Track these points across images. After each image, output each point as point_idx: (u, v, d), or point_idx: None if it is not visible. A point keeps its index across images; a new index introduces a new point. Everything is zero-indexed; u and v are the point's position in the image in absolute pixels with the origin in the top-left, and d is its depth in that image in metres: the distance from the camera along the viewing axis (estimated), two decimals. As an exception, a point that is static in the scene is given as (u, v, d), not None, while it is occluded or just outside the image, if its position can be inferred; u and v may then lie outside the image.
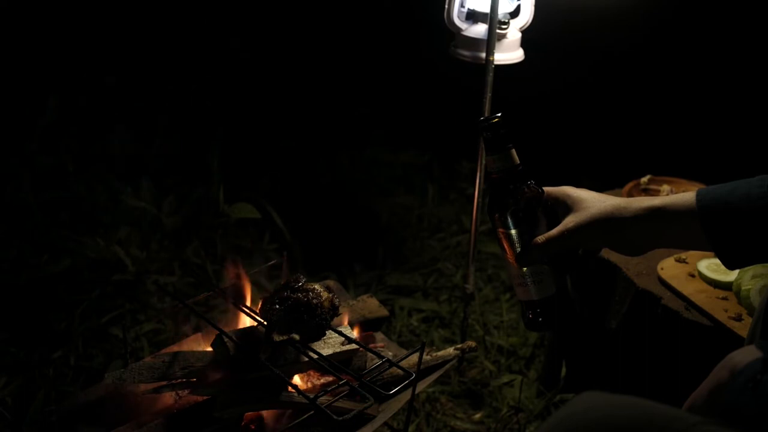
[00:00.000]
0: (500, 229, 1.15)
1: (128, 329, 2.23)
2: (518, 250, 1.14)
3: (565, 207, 1.13)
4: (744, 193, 0.99)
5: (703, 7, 3.22)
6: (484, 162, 1.95)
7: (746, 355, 0.94)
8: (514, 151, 1.13)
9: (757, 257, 1.03)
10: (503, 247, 1.17)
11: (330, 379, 1.49)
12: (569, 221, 1.10)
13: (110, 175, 2.93)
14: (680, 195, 1.05)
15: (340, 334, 1.45)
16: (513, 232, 1.14)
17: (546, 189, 1.16)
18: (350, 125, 3.66)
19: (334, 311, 1.41)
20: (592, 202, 1.11)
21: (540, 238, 1.12)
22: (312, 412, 1.32)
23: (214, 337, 1.44)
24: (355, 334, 1.56)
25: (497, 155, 1.13)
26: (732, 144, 3.04)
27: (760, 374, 0.89)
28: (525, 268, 1.15)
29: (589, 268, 1.16)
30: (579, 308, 1.16)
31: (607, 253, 1.84)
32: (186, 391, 1.43)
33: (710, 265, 1.71)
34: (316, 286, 1.40)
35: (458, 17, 1.88)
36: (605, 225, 1.08)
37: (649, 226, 1.07)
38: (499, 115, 1.14)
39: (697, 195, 1.03)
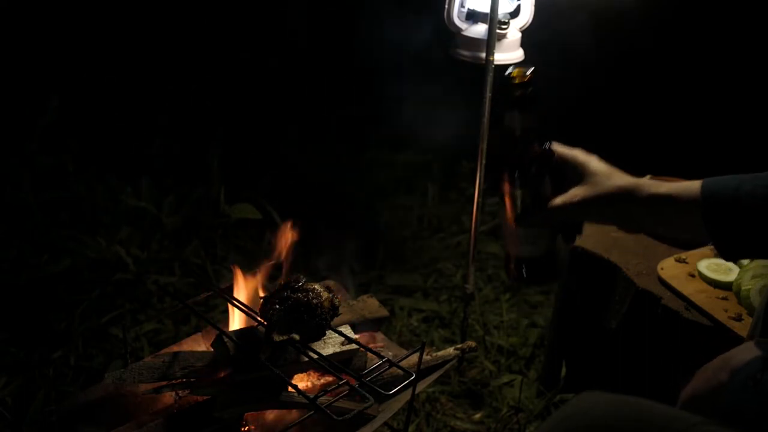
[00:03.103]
0: (505, 186, 1.12)
1: (128, 329, 2.24)
2: (519, 210, 1.12)
3: (574, 173, 1.12)
4: (749, 191, 0.99)
5: (703, 7, 3.22)
6: (484, 162, 1.95)
7: (745, 354, 0.94)
8: (536, 111, 1.10)
9: (754, 252, 1.04)
10: (504, 203, 1.14)
11: (330, 379, 1.49)
12: (576, 195, 1.10)
13: (110, 175, 2.93)
14: (686, 185, 1.05)
15: (340, 334, 1.45)
16: (518, 192, 1.11)
17: (558, 150, 1.13)
18: (350, 125, 3.66)
19: (334, 311, 1.41)
20: (600, 178, 1.10)
21: (544, 206, 1.11)
22: (312, 412, 1.32)
23: (214, 337, 1.43)
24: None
25: (520, 113, 1.10)
26: (732, 144, 3.03)
27: (761, 373, 0.89)
28: (521, 228, 1.13)
29: (581, 231, 1.16)
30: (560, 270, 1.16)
31: (607, 253, 1.84)
32: (186, 391, 1.43)
33: (710, 265, 1.71)
34: (316, 286, 1.40)
35: (458, 17, 1.88)
36: (609, 206, 1.09)
37: (653, 212, 1.07)
38: (532, 70, 1.09)
39: (702, 188, 1.03)
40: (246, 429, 1.42)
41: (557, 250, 1.16)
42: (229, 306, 1.56)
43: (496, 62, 1.84)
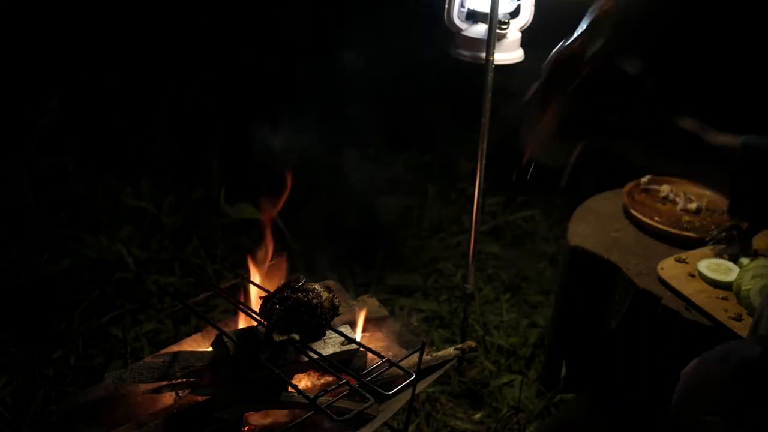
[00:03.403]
0: (557, 100, 1.08)
1: (128, 329, 2.24)
2: (559, 128, 1.08)
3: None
4: None
5: (703, 6, 3.22)
6: (484, 162, 1.95)
7: (746, 351, 0.94)
8: (621, 34, 1.09)
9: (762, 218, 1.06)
10: (544, 107, 1.09)
11: (330, 379, 1.49)
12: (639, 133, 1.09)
13: (110, 175, 2.93)
14: (727, 138, 1.07)
15: (340, 334, 1.45)
16: (568, 109, 1.07)
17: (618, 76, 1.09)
18: (350, 125, 3.66)
19: (334, 311, 1.41)
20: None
21: (597, 128, 1.08)
22: (312, 412, 1.32)
23: (214, 337, 1.44)
24: (355, 332, 1.56)
25: (606, 31, 1.07)
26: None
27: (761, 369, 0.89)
28: (553, 137, 1.09)
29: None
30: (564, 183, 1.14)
31: (607, 253, 1.84)
32: (186, 391, 1.43)
33: (710, 265, 1.71)
34: (316, 286, 1.40)
35: (458, 17, 1.88)
36: (663, 147, 1.11)
37: (695, 160, 1.10)
38: None
39: (743, 141, 1.04)
40: (246, 429, 1.42)
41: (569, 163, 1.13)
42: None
43: (496, 62, 1.84)
